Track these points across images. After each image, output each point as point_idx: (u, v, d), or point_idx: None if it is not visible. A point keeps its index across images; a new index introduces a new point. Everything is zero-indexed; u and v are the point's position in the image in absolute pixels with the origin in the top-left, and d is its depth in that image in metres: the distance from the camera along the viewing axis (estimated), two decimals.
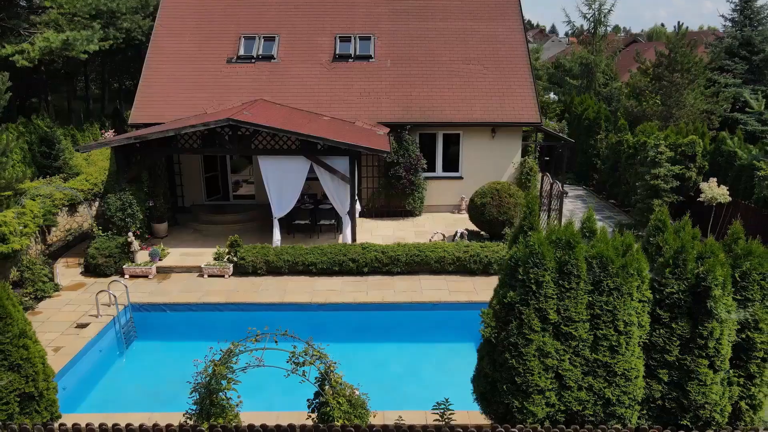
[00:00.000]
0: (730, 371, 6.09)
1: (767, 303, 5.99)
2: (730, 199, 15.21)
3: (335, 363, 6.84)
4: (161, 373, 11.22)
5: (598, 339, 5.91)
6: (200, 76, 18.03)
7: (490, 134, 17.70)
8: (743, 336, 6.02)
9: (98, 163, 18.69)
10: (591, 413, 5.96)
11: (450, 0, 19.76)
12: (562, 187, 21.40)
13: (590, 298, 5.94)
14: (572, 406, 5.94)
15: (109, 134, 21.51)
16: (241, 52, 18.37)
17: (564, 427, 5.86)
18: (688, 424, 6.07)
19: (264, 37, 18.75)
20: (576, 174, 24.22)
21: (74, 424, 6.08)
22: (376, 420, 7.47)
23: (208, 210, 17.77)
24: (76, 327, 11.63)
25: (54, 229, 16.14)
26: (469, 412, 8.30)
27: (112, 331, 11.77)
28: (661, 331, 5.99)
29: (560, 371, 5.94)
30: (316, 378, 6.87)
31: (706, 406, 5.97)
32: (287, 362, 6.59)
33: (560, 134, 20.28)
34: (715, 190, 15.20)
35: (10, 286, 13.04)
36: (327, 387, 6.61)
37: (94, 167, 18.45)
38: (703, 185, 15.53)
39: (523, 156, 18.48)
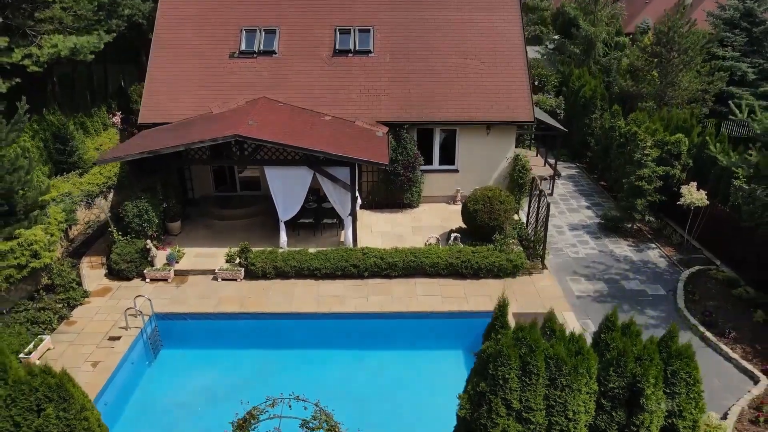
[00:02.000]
0: None
1: (691, 395, 7.33)
2: (708, 202, 16.16)
3: (339, 424, 8.28)
4: (186, 381, 12.80)
5: (552, 424, 7.27)
6: (204, 72, 18.49)
7: (486, 131, 18.39)
8: (670, 421, 7.40)
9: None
10: None
11: None
12: (555, 166, 22.38)
13: (547, 392, 7.25)
14: None
15: (117, 118, 22.23)
16: (243, 47, 18.70)
17: None
18: None
19: (264, 29, 18.97)
20: (570, 151, 24.95)
21: None
22: None
23: (217, 203, 18.84)
24: (109, 339, 13.12)
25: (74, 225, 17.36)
26: None
27: (140, 343, 13.27)
28: (604, 416, 7.36)
29: None
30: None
31: None
32: (300, 427, 8.04)
33: (555, 123, 20.92)
34: (693, 195, 16.10)
35: (44, 292, 14.59)
36: None
37: None
38: (683, 189, 16.39)
39: (518, 140, 19.19)
